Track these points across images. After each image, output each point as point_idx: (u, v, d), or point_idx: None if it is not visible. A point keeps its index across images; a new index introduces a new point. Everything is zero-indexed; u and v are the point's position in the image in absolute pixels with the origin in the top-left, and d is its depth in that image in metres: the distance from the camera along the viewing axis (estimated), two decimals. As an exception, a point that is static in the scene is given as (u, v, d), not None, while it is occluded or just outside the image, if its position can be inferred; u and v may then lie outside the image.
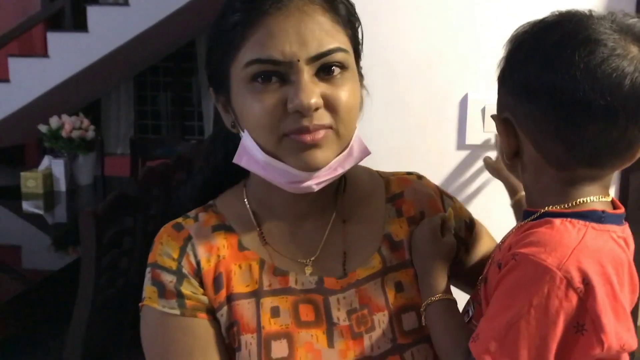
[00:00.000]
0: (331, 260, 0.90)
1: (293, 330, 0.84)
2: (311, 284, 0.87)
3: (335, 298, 0.87)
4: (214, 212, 0.91)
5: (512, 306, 0.70)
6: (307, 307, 0.86)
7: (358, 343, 0.85)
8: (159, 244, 0.86)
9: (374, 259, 0.91)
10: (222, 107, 0.88)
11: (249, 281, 0.86)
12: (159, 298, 0.83)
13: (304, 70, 0.78)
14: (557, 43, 0.71)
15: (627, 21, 0.72)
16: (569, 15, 0.74)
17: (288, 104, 0.77)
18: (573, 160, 0.74)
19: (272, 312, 0.84)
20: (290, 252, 0.89)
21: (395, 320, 0.87)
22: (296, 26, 0.78)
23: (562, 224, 0.72)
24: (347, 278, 0.88)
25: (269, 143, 0.80)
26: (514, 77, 0.76)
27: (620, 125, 0.70)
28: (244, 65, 0.79)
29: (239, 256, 0.87)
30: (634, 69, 0.68)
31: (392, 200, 0.96)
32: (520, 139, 0.77)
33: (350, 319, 0.86)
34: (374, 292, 0.88)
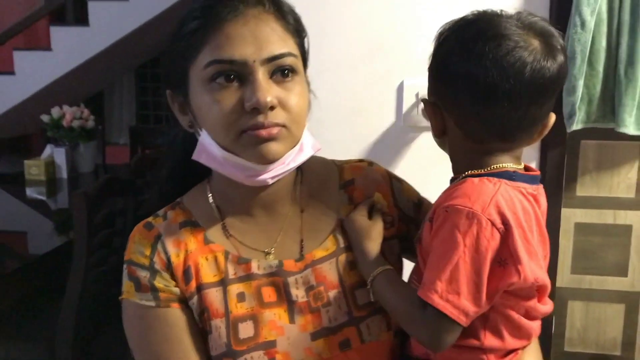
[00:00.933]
0: (290, 246, 0.96)
1: (257, 311, 0.91)
2: (272, 267, 0.93)
3: (293, 278, 0.93)
4: (181, 209, 0.97)
5: (449, 250, 0.81)
6: (269, 289, 0.92)
7: (316, 317, 0.92)
8: (132, 243, 0.93)
9: (328, 241, 0.97)
10: (179, 108, 0.93)
11: (215, 271, 0.92)
12: (136, 292, 0.90)
13: (259, 71, 0.83)
14: (472, 38, 0.84)
15: (530, 19, 0.84)
16: (482, 14, 0.87)
17: (245, 102, 0.83)
18: (487, 134, 0.86)
19: (238, 297, 0.91)
20: (252, 241, 0.95)
21: (349, 295, 0.94)
22: (252, 31, 0.84)
23: (480, 180, 0.85)
24: (304, 260, 0.95)
25: (227, 140, 0.85)
26: (439, 66, 0.89)
27: (523, 105, 0.83)
28: (204, 67, 0.84)
29: (205, 249, 0.93)
30: (533, 59, 0.81)
31: (344, 187, 1.02)
32: (445, 119, 0.89)
33: (308, 295, 0.93)
34: (328, 271, 0.95)
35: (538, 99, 0.84)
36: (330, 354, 0.91)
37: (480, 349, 0.88)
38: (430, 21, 1.43)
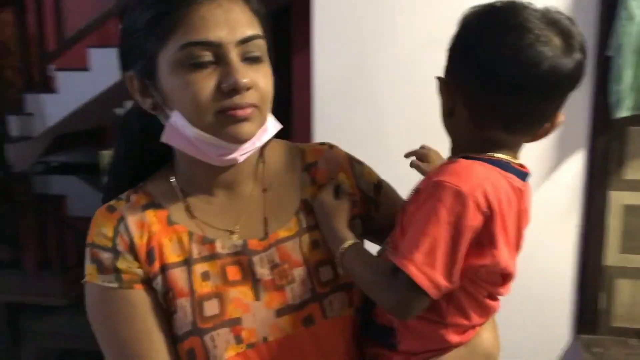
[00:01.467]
0: (253, 225, 0.97)
1: (222, 289, 0.91)
2: (236, 247, 0.94)
3: (258, 257, 0.94)
4: (144, 192, 0.96)
5: (431, 223, 0.81)
6: (234, 268, 0.93)
7: (281, 294, 0.93)
8: (95, 226, 0.91)
9: (292, 221, 0.98)
10: (140, 91, 0.90)
11: (179, 252, 0.92)
12: (98, 274, 0.89)
13: (233, 52, 0.84)
14: (495, 24, 0.84)
15: (555, 16, 0.84)
16: (509, 3, 0.85)
17: (223, 83, 0.83)
18: (491, 121, 0.86)
19: (202, 276, 0.91)
20: (216, 222, 0.95)
21: (313, 273, 0.96)
22: (225, 14, 0.84)
23: (473, 162, 0.86)
24: (268, 239, 0.96)
25: (204, 120, 0.85)
26: (458, 47, 0.88)
27: (533, 99, 0.83)
28: (178, 49, 0.83)
29: (169, 230, 0.92)
30: (552, 54, 0.80)
31: (307, 169, 1.03)
32: (455, 100, 0.89)
33: (272, 273, 0.94)
34: (292, 249, 0.96)
35: (550, 95, 0.84)
36: (295, 330, 0.92)
37: (441, 324, 0.90)
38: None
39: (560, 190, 1.79)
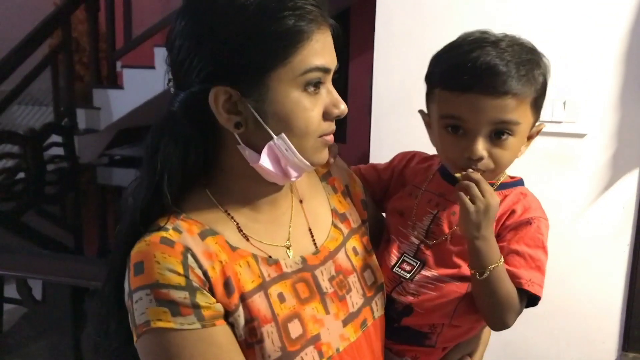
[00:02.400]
0: (302, 238, 0.98)
1: (299, 308, 0.90)
2: (297, 264, 0.94)
3: (319, 271, 0.95)
4: (188, 219, 0.87)
5: (537, 250, 0.98)
6: (302, 285, 0.92)
7: (343, 304, 0.96)
8: (155, 263, 0.81)
9: (333, 231, 1.01)
10: (227, 107, 0.84)
11: (252, 277, 0.87)
12: (173, 316, 0.80)
13: (330, 78, 0.88)
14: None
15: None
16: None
17: (333, 109, 0.87)
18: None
19: (279, 298, 0.89)
20: (269, 239, 0.93)
21: (361, 278, 1.01)
22: (330, 43, 0.87)
23: (529, 191, 1.05)
24: (321, 252, 0.97)
25: (308, 143, 0.87)
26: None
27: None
28: (304, 72, 0.83)
29: (235, 256, 0.87)
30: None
31: (325, 179, 1.07)
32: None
33: (332, 285, 0.96)
34: (343, 259, 1.00)
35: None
36: (356, 336, 0.95)
37: (479, 321, 1.06)
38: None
39: (614, 209, 1.80)
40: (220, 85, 0.83)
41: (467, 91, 0.95)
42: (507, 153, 0.97)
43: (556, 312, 1.81)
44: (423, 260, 1.04)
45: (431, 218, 1.06)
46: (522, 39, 1.00)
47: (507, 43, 0.97)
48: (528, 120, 0.98)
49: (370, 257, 1.06)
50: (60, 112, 4.94)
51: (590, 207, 1.80)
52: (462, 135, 0.97)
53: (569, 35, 1.73)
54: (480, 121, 0.95)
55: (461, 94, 0.95)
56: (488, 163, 0.97)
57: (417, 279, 1.03)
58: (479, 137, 0.96)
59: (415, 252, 1.05)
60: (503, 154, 0.97)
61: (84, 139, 4.88)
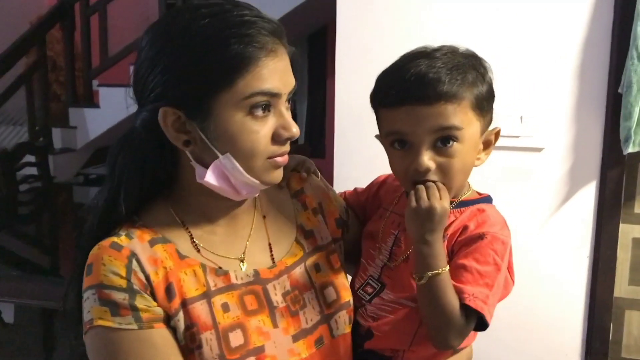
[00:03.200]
0: (259, 252, 0.99)
1: (243, 319, 0.92)
2: (249, 277, 0.95)
3: (271, 285, 0.96)
4: (144, 226, 0.92)
5: (486, 266, 0.93)
6: (250, 297, 0.94)
7: (295, 319, 0.96)
8: (101, 265, 0.85)
9: (294, 247, 1.02)
10: (175, 126, 0.87)
11: (197, 285, 0.90)
12: (113, 316, 0.84)
13: (284, 102, 0.90)
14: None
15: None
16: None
17: (283, 132, 0.88)
18: None
19: (223, 307, 0.91)
20: (222, 251, 0.96)
21: (320, 295, 1.00)
22: (283, 68, 0.89)
23: (492, 207, 1.02)
24: (277, 267, 0.99)
25: (255, 165, 0.89)
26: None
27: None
28: (246, 96, 0.85)
29: (182, 264, 0.91)
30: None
31: (296, 196, 1.09)
32: None
33: (285, 300, 0.97)
34: (300, 275, 1.00)
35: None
36: (308, 353, 0.95)
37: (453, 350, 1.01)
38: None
39: (573, 222, 1.83)
40: (168, 106, 0.86)
41: (402, 104, 0.95)
42: (456, 161, 0.95)
43: (518, 326, 1.82)
44: (384, 283, 1.04)
45: (393, 239, 1.05)
46: (461, 47, 1.00)
47: (442, 52, 0.97)
48: (472, 124, 0.96)
49: (336, 275, 1.05)
50: (36, 131, 4.92)
51: (549, 220, 1.83)
52: (408, 149, 0.97)
53: (524, 51, 1.76)
54: (420, 132, 0.95)
55: (397, 108, 0.96)
56: (438, 173, 0.96)
57: (375, 302, 1.03)
58: (423, 148, 0.95)
59: (379, 275, 1.05)
60: (451, 163, 0.95)
61: (60, 158, 4.87)
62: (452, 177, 0.96)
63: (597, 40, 1.71)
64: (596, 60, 1.73)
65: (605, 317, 1.83)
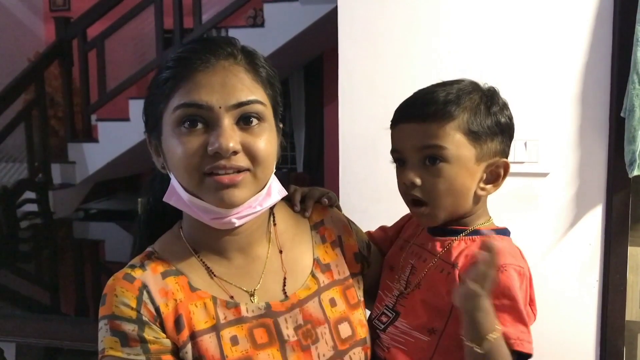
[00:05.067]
0: (272, 286, 0.97)
1: (252, 353, 0.90)
2: (260, 310, 0.94)
3: (283, 318, 0.94)
4: (158, 258, 0.94)
5: (517, 301, 0.90)
6: (260, 331, 0.92)
7: (307, 354, 0.94)
8: (113, 296, 0.87)
9: (309, 281, 1.00)
10: (154, 150, 0.93)
11: (206, 318, 0.90)
12: (122, 347, 0.86)
13: (225, 117, 0.85)
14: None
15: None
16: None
17: (209, 146, 0.84)
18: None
19: (231, 341, 0.90)
20: (236, 282, 0.95)
21: (334, 330, 0.98)
22: (220, 80, 0.85)
23: (507, 239, 1.01)
24: (289, 300, 0.96)
25: (191, 183, 0.87)
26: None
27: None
28: (173, 110, 0.86)
29: (193, 296, 0.91)
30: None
31: (316, 228, 1.07)
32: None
33: (297, 334, 0.94)
34: (314, 309, 0.97)
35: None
36: None
37: None
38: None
39: (580, 246, 1.82)
40: (146, 132, 0.94)
41: (397, 123, 1.02)
42: (442, 181, 0.97)
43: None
44: (397, 312, 1.03)
45: (410, 268, 1.05)
46: (485, 84, 1.03)
47: (460, 83, 1.01)
48: (462, 148, 0.96)
49: (352, 310, 1.03)
50: (35, 167, 4.92)
51: (556, 245, 1.82)
52: (403, 167, 1.02)
53: (525, 77, 1.77)
54: (407, 148, 0.99)
55: (394, 127, 1.02)
56: (424, 192, 0.99)
57: (390, 331, 1.02)
58: (409, 164, 1.00)
59: (394, 304, 1.04)
60: (437, 182, 0.97)
61: (59, 194, 4.88)
62: (438, 196, 0.98)
63: (597, 65, 1.73)
64: (597, 84, 1.74)
65: (619, 341, 1.81)
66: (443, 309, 0.97)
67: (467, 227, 1.02)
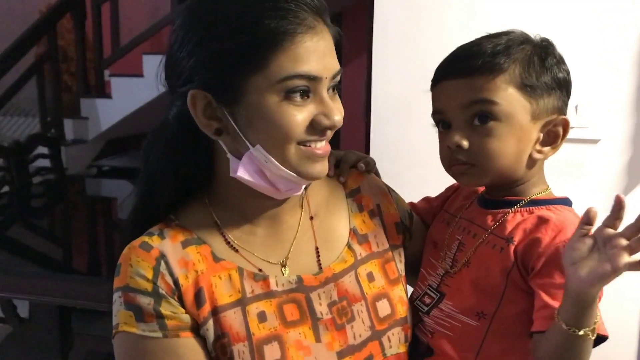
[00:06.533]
0: (304, 257, 0.91)
1: (282, 331, 0.84)
2: (291, 283, 0.87)
3: (316, 294, 0.88)
4: (178, 226, 0.87)
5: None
6: (291, 307, 0.86)
7: (341, 334, 0.87)
8: (128, 266, 0.81)
9: (345, 253, 0.93)
10: (204, 112, 0.82)
11: (231, 291, 0.84)
12: (137, 322, 0.79)
13: (326, 87, 0.81)
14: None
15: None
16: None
17: (321, 119, 0.80)
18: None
19: (259, 317, 0.83)
20: (263, 254, 0.88)
21: (371, 308, 0.91)
22: (323, 47, 0.80)
23: (571, 211, 0.91)
24: (323, 273, 0.90)
25: (287, 153, 0.80)
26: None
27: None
28: (279, 80, 0.77)
29: (216, 267, 0.84)
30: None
31: (352, 196, 0.99)
32: None
33: (331, 311, 0.88)
34: (350, 284, 0.90)
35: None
36: None
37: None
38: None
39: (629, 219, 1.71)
40: (197, 89, 0.80)
41: (440, 80, 0.93)
42: (493, 141, 0.88)
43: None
44: (442, 293, 0.95)
45: (457, 245, 0.96)
46: (537, 35, 0.93)
47: (509, 35, 0.92)
48: (515, 103, 0.88)
49: (392, 286, 0.95)
50: (47, 122, 4.87)
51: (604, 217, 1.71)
52: (447, 129, 0.93)
53: (581, 37, 1.66)
54: (452, 107, 0.90)
55: (436, 85, 0.93)
56: (471, 155, 0.90)
57: (434, 314, 0.94)
58: (455, 125, 0.91)
59: (438, 284, 0.96)
60: (487, 142, 0.88)
61: (72, 150, 4.83)
62: (488, 159, 0.89)
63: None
64: None
65: (663, 321, 1.72)
66: (495, 290, 0.89)
67: (523, 197, 0.93)
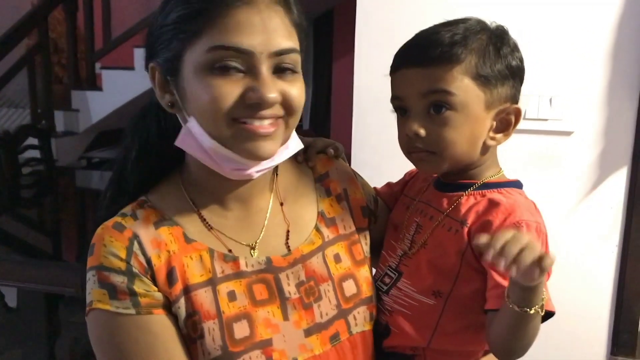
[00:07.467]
0: (274, 239, 0.92)
1: (251, 310, 0.85)
2: (260, 264, 0.89)
3: (284, 274, 0.90)
4: (151, 207, 0.88)
5: None
6: (260, 287, 0.87)
7: (309, 312, 0.89)
8: (102, 246, 0.82)
9: (313, 235, 0.95)
10: (162, 86, 0.84)
11: (202, 271, 0.85)
12: (111, 299, 0.80)
13: (264, 64, 0.78)
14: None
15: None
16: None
17: (249, 94, 0.77)
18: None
19: (229, 296, 0.85)
20: (235, 235, 0.90)
21: (338, 288, 0.93)
22: (263, 21, 0.77)
23: (521, 193, 0.93)
24: (291, 254, 0.91)
25: (220, 129, 0.79)
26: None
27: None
28: (206, 50, 0.76)
29: (188, 248, 0.85)
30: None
31: (320, 180, 1.01)
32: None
33: (299, 291, 0.90)
34: (317, 265, 0.92)
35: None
36: (322, 349, 0.89)
37: (473, 352, 0.96)
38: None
39: (601, 209, 1.76)
40: (154, 62, 0.84)
41: (399, 67, 0.93)
42: (449, 130, 0.89)
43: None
44: (400, 272, 0.98)
45: (415, 227, 0.99)
46: (492, 22, 0.94)
47: (465, 23, 0.92)
48: (470, 93, 0.89)
49: (358, 267, 0.98)
50: (38, 114, 4.86)
51: (577, 207, 1.76)
52: (406, 117, 0.93)
53: (555, 30, 1.69)
54: (410, 94, 0.91)
55: (395, 72, 0.94)
56: (428, 142, 0.91)
57: (392, 293, 0.97)
58: (412, 113, 0.92)
59: (397, 264, 0.99)
60: (443, 131, 0.89)
61: (62, 142, 4.83)
62: (444, 147, 0.91)
63: (630, 18, 1.64)
64: (629, 39, 1.66)
65: (635, 308, 1.77)
66: (450, 270, 0.91)
67: (476, 180, 0.95)
